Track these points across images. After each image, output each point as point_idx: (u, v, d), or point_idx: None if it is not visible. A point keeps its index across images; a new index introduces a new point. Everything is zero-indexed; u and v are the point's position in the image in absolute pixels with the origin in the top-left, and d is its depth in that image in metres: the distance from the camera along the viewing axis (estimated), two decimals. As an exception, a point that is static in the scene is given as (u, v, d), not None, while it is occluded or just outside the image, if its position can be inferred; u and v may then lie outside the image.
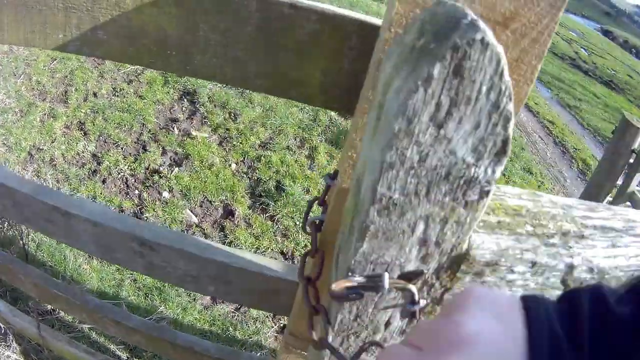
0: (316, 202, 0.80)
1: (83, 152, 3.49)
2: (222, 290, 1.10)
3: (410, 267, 0.53)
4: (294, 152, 4.02)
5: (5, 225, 2.81)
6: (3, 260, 1.59)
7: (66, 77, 4.15)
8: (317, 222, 0.76)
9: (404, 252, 0.52)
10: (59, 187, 3.19)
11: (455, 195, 0.47)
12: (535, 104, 8.45)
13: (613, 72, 13.81)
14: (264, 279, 1.03)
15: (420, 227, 0.49)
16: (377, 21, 0.69)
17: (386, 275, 0.52)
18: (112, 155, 3.49)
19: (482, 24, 0.39)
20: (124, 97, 4.08)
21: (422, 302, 0.56)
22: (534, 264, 0.58)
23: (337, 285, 0.52)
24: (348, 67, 0.74)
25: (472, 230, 0.51)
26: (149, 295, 2.67)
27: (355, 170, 0.56)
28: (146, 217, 3.10)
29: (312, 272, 0.80)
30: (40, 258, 2.70)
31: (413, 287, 0.54)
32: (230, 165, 3.70)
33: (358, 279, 0.53)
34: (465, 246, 0.54)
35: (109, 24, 0.85)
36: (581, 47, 16.09)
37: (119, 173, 3.39)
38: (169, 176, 3.44)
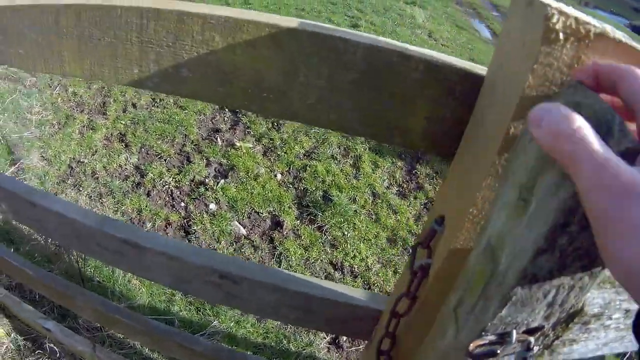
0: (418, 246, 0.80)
1: (125, 164, 3.44)
2: (303, 319, 1.10)
3: (535, 324, 0.60)
4: (339, 161, 3.92)
5: (50, 240, 2.74)
6: (60, 287, 1.57)
7: (103, 88, 4.12)
8: (425, 265, 0.77)
9: (534, 314, 0.58)
10: (102, 200, 3.13)
11: (585, 267, 0.51)
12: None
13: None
14: (348, 307, 1.04)
15: (552, 293, 0.55)
16: (480, 70, 0.69)
17: (514, 332, 0.59)
18: (155, 167, 3.43)
19: None
20: (164, 107, 4.03)
21: (536, 349, 0.62)
22: (627, 311, 0.68)
23: (474, 345, 0.60)
24: (450, 115, 0.74)
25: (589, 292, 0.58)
26: (201, 310, 2.61)
27: (485, 238, 0.59)
28: (194, 229, 3.03)
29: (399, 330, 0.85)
30: (88, 274, 2.63)
31: (532, 339, 0.61)
32: (275, 175, 3.62)
33: (490, 338, 0.60)
34: (581, 304, 0.61)
35: (194, 61, 0.79)
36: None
37: (163, 185, 3.32)
38: (215, 188, 3.37)
